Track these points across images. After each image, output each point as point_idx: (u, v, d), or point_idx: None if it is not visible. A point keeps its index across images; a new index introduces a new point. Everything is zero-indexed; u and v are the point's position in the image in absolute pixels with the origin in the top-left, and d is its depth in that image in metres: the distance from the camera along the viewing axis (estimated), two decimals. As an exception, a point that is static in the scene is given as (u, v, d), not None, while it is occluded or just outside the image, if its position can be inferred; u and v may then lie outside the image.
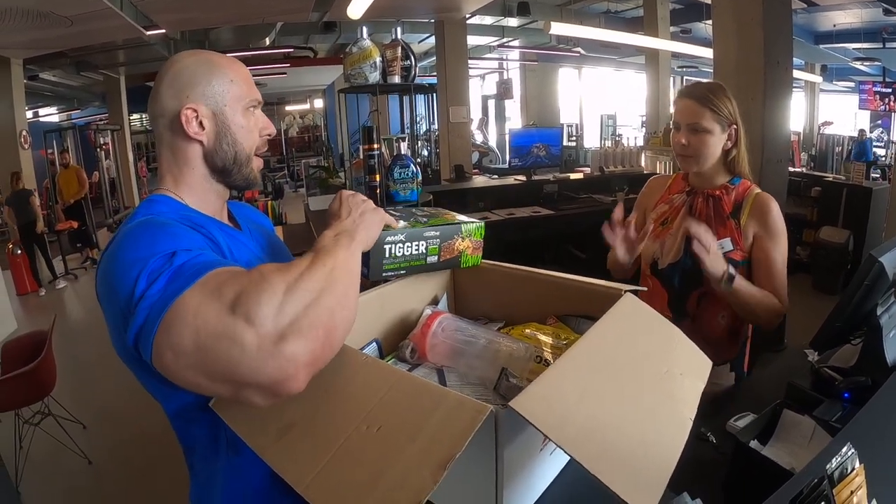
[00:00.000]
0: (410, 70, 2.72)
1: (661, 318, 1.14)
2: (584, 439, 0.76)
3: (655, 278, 2.03)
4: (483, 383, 1.07)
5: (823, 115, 15.53)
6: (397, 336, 1.32)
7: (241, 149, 1.18)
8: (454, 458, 0.69)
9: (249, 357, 0.81)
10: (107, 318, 1.00)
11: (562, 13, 9.94)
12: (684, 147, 1.90)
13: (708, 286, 1.89)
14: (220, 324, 0.83)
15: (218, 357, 0.82)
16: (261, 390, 0.83)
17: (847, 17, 9.75)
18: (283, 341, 0.81)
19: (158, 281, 0.89)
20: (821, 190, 6.77)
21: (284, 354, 0.81)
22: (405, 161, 2.27)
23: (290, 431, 0.86)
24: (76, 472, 3.70)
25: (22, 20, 6.17)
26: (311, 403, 0.88)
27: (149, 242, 0.95)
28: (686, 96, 1.91)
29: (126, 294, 0.90)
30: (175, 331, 0.84)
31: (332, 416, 0.86)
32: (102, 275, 0.99)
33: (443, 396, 0.79)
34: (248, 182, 1.23)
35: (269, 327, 0.82)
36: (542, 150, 5.82)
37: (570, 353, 0.90)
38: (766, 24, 3.88)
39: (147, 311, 0.87)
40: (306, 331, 0.83)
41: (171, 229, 0.99)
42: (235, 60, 1.20)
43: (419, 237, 1.26)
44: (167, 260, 0.91)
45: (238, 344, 0.81)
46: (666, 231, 2.01)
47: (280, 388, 0.82)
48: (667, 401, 0.92)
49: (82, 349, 5.75)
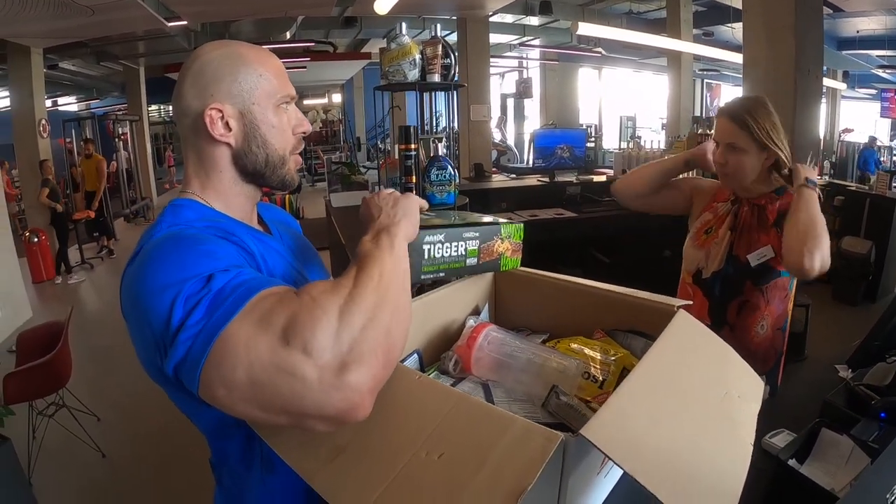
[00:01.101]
0: (450, 68, 2.68)
1: (715, 336, 1.10)
2: (655, 468, 0.72)
3: (697, 287, 2.02)
4: (530, 399, 1.03)
5: (844, 122, 15.42)
6: (438, 347, 1.28)
7: (272, 150, 1.09)
8: (526, 490, 0.65)
9: (312, 391, 0.76)
10: (132, 336, 0.92)
11: (584, 13, 9.91)
12: (722, 165, 1.91)
13: (748, 294, 1.90)
14: (276, 357, 0.77)
15: (278, 392, 0.77)
16: (325, 420, 0.79)
17: (871, 23, 9.67)
18: (346, 371, 0.77)
19: (198, 309, 0.82)
20: (843, 199, 6.69)
21: (350, 385, 0.77)
22: (443, 163, 2.23)
23: (342, 455, 0.81)
24: (89, 464, 3.68)
25: (43, 9, 6.17)
26: (363, 425, 0.82)
27: (181, 263, 0.87)
28: (724, 115, 1.90)
29: (160, 322, 0.83)
30: (226, 365, 0.79)
31: (388, 439, 0.81)
32: (129, 293, 0.91)
33: (509, 422, 0.74)
34: (284, 184, 1.14)
35: (328, 358, 0.77)
36: (566, 152, 5.77)
37: (634, 377, 0.85)
38: (798, 32, 3.84)
39: (189, 344, 0.81)
40: (367, 357, 0.79)
41: (203, 247, 0.92)
42: (266, 52, 1.10)
43: (458, 237, 1.21)
44: (204, 284, 0.84)
45: (299, 379, 0.76)
46: (710, 240, 2.00)
47: (347, 417, 0.78)
48: (728, 425, 0.89)
49: (98, 340, 5.75)
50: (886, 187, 6.43)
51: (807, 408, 1.72)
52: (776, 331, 1.94)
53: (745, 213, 1.94)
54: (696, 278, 2.02)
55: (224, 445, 1.08)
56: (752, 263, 1.87)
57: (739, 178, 1.90)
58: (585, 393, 1.03)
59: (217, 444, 1.10)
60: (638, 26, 10.37)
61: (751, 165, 1.86)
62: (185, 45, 9.99)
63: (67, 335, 3.65)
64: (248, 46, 1.09)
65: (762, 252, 1.86)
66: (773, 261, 1.85)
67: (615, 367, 1.08)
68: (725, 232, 1.95)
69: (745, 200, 1.95)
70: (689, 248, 2.07)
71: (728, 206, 1.99)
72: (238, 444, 1.06)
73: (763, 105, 1.87)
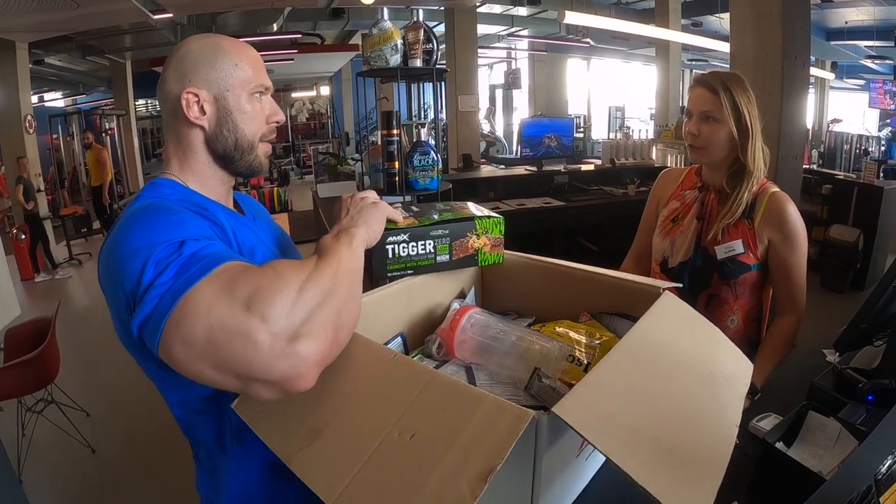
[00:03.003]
0: (432, 54, 2.64)
1: (702, 318, 1.10)
2: (631, 448, 0.71)
3: (664, 276, 1.96)
4: (514, 382, 1.03)
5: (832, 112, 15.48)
6: (423, 330, 1.28)
7: (242, 135, 1.16)
8: (495, 469, 0.65)
9: (263, 355, 0.82)
10: (109, 304, 0.99)
11: (572, 3, 9.88)
12: (695, 137, 1.83)
13: (716, 288, 1.86)
14: (234, 320, 0.83)
15: (231, 353, 0.83)
16: (270, 386, 0.84)
17: (860, 14, 9.68)
18: (296, 341, 0.83)
19: (167, 271, 0.88)
20: (831, 187, 6.72)
21: (297, 354, 0.82)
22: (426, 148, 2.21)
23: (318, 438, 0.82)
24: (79, 460, 3.66)
25: (28, 2, 6.11)
26: (338, 406, 0.85)
27: (156, 229, 0.94)
28: (701, 84, 1.83)
29: (132, 282, 0.89)
30: (187, 324, 0.84)
31: (364, 420, 0.82)
32: (106, 259, 0.98)
33: (480, 400, 0.74)
34: (252, 169, 1.21)
35: (282, 326, 0.83)
36: (554, 141, 5.78)
37: (613, 355, 0.85)
38: (786, 19, 3.84)
39: (156, 302, 0.86)
40: (318, 332, 0.85)
41: (177, 216, 0.98)
42: (245, 45, 1.18)
43: (425, 236, 1.22)
44: (176, 248, 0.90)
45: (252, 342, 0.82)
46: (677, 228, 1.95)
47: (290, 385, 0.83)
48: (712, 406, 0.88)
49: (86, 336, 5.73)
50: (874, 176, 6.46)
51: (794, 392, 1.71)
52: (750, 322, 1.90)
53: (711, 200, 1.89)
54: (663, 267, 1.97)
55: (196, 422, 1.14)
56: (718, 256, 1.82)
57: (711, 152, 1.82)
58: (570, 376, 1.03)
59: (189, 421, 1.15)
60: (627, 16, 10.36)
61: (724, 138, 1.78)
62: (171, 39, 9.90)
63: (55, 331, 3.62)
64: (228, 39, 1.17)
65: (730, 246, 1.81)
66: (743, 256, 1.81)
67: (600, 350, 1.07)
68: (692, 220, 1.90)
69: (712, 187, 1.90)
70: (655, 236, 2.02)
71: (695, 194, 1.94)
72: (209, 421, 1.12)
73: (740, 78, 1.81)
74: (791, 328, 1.83)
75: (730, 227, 1.82)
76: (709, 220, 1.88)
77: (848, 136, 11.15)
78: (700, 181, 1.96)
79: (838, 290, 6.18)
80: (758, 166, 1.80)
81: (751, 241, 1.80)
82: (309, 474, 0.79)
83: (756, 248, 1.81)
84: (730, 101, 1.76)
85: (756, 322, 1.92)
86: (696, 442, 0.80)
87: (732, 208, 1.80)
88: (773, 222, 1.79)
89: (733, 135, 1.78)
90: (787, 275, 1.81)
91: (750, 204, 1.82)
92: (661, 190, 2.10)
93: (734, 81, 1.79)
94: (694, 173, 2.01)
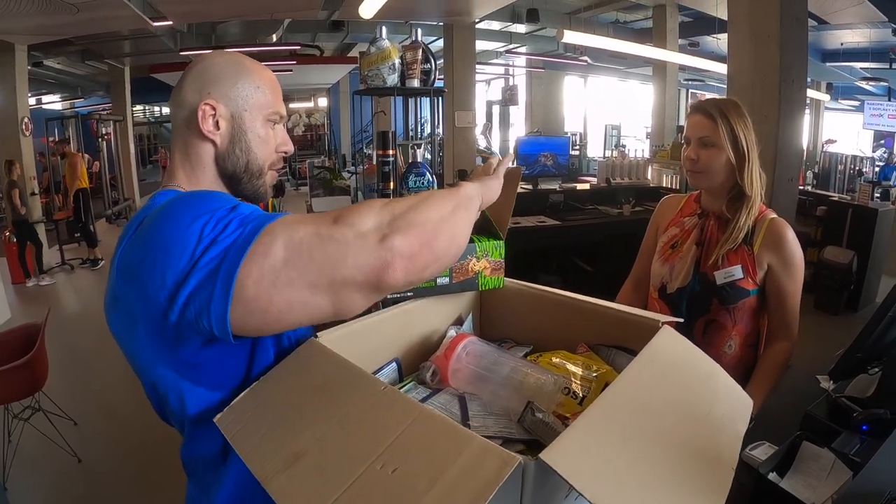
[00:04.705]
0: (430, 74, 2.63)
1: (701, 353, 1.08)
2: (621, 496, 0.70)
3: (663, 302, 1.97)
4: (507, 414, 1.01)
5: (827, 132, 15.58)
6: (418, 356, 1.27)
7: (254, 157, 1.15)
8: None
9: (354, 250, 0.84)
10: (130, 303, 0.93)
11: (570, 21, 9.94)
12: (694, 162, 1.85)
13: (715, 313, 1.86)
14: (326, 229, 0.86)
15: (324, 258, 0.84)
16: (363, 287, 0.86)
17: (855, 36, 9.76)
18: (386, 237, 0.85)
19: (230, 226, 0.87)
20: (826, 209, 6.75)
21: (385, 246, 0.84)
22: (421, 169, 2.19)
23: (298, 462, 0.80)
24: (66, 470, 3.62)
25: (27, 5, 6.10)
26: (322, 432, 0.82)
27: (203, 203, 0.91)
28: (698, 111, 1.86)
29: (181, 256, 0.85)
30: (269, 250, 0.84)
31: (345, 449, 0.80)
32: (140, 248, 0.92)
33: (467, 441, 0.73)
34: (257, 195, 1.19)
35: (371, 226, 0.86)
36: (550, 160, 5.79)
37: (607, 396, 0.84)
38: (783, 42, 3.85)
39: (221, 256, 0.84)
40: (404, 228, 0.87)
41: (217, 194, 0.98)
42: (267, 70, 1.18)
43: None
44: (230, 210, 0.90)
45: (343, 242, 0.84)
46: (676, 254, 1.95)
47: (381, 277, 0.84)
48: (709, 448, 0.86)
49: (76, 343, 5.68)
50: (868, 198, 6.49)
51: (788, 419, 1.71)
52: (747, 348, 1.90)
53: (711, 226, 1.90)
54: (662, 293, 1.97)
55: (207, 436, 1.05)
56: (717, 282, 1.83)
57: (710, 177, 1.84)
58: (565, 409, 1.02)
59: (202, 436, 1.06)
60: (624, 35, 10.41)
61: (722, 163, 1.80)
62: (170, 46, 9.90)
63: (44, 337, 3.58)
64: (252, 60, 1.17)
65: (730, 272, 1.81)
66: (742, 282, 1.81)
67: (597, 383, 1.07)
68: (691, 246, 1.91)
69: (712, 213, 1.92)
70: (654, 262, 2.02)
71: (695, 220, 1.95)
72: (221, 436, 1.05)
73: (737, 105, 1.84)
74: (784, 355, 1.84)
75: (729, 252, 1.83)
76: (708, 246, 1.88)
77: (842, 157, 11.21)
78: (700, 208, 1.97)
79: (832, 311, 6.19)
80: (755, 191, 1.82)
81: (750, 266, 1.81)
82: (285, 498, 0.77)
83: (755, 273, 1.82)
84: (727, 127, 1.78)
85: (753, 348, 1.92)
86: (690, 487, 0.79)
87: (734, 234, 1.81)
88: (772, 248, 1.81)
89: (731, 160, 1.80)
90: (783, 301, 1.83)
91: (750, 230, 1.83)
92: (661, 217, 2.11)
93: (731, 108, 1.82)
94: (693, 200, 2.02)
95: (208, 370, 0.99)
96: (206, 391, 0.99)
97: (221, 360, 0.99)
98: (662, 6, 8.92)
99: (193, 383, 0.96)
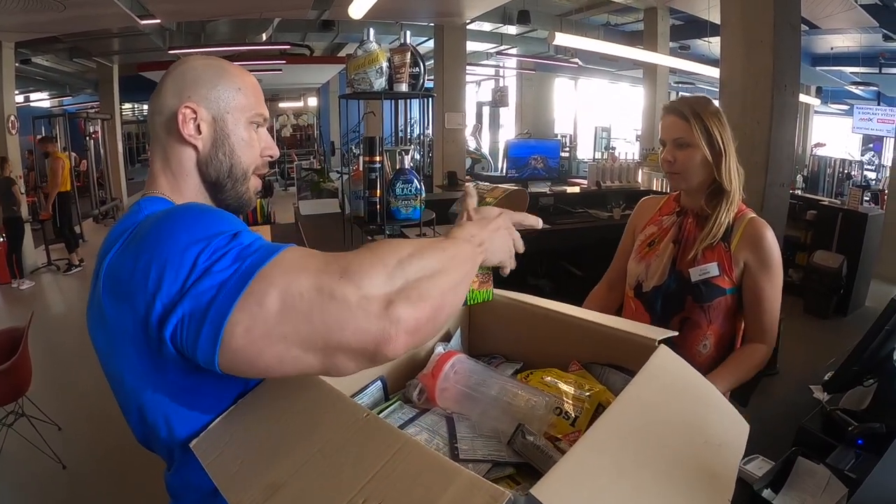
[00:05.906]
0: (419, 78, 2.57)
1: (697, 375, 1.06)
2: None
3: (639, 301, 1.97)
4: (497, 436, 0.98)
5: (816, 136, 15.66)
6: (404, 374, 1.23)
7: (237, 161, 1.10)
8: None
9: (357, 317, 0.76)
10: (116, 320, 0.88)
11: (561, 24, 9.94)
12: (671, 164, 1.85)
13: (689, 311, 1.85)
14: (328, 283, 0.78)
15: (323, 318, 0.77)
16: (358, 354, 0.78)
17: (845, 40, 9.80)
18: (392, 305, 0.77)
19: (225, 258, 0.80)
20: (816, 213, 6.77)
21: (390, 316, 0.76)
22: (408, 176, 2.15)
23: (276, 495, 0.76)
24: (49, 475, 3.58)
25: (13, 2, 6.05)
26: (301, 463, 0.78)
27: (202, 223, 0.85)
28: (671, 112, 1.85)
29: (176, 279, 0.80)
30: (263, 300, 0.77)
31: (325, 482, 0.76)
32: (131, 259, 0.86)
33: (454, 474, 0.69)
34: (241, 202, 1.14)
35: (377, 290, 0.78)
36: (540, 163, 5.78)
37: (603, 422, 0.81)
38: (777, 48, 3.85)
39: (213, 292, 0.78)
40: (415, 300, 0.79)
41: (218, 212, 0.91)
42: (247, 72, 1.14)
43: None
44: (230, 238, 0.83)
45: (346, 304, 0.76)
46: (652, 252, 1.95)
47: (378, 349, 0.77)
48: (705, 479, 0.83)
49: (60, 347, 5.62)
50: (858, 202, 6.51)
51: (781, 430, 1.70)
52: (722, 349, 1.88)
53: (689, 224, 1.90)
54: (637, 292, 1.96)
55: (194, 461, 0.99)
56: (692, 279, 1.82)
57: (688, 177, 1.83)
58: (557, 430, 0.99)
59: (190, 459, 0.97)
60: (615, 38, 10.44)
61: (699, 161, 1.80)
62: (159, 44, 9.84)
63: (27, 342, 3.54)
64: (232, 64, 1.12)
65: (705, 269, 1.81)
66: (718, 279, 1.80)
67: (589, 403, 1.04)
68: (668, 244, 1.91)
69: (690, 211, 1.91)
70: (630, 261, 2.02)
71: (673, 219, 1.95)
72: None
73: (708, 101, 1.85)
74: (759, 354, 1.82)
75: (706, 249, 1.82)
76: (685, 244, 1.88)
77: (831, 160, 11.28)
78: (678, 206, 1.97)
79: (822, 315, 6.22)
80: (734, 186, 1.81)
81: (726, 263, 1.80)
82: None
83: (731, 271, 1.81)
84: (700, 126, 1.78)
85: (728, 350, 1.91)
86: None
87: (713, 230, 1.81)
88: (749, 246, 1.80)
89: (707, 158, 1.80)
90: (759, 302, 1.81)
91: (729, 227, 1.82)
92: (639, 218, 2.11)
93: (703, 106, 1.82)
94: (673, 200, 2.02)
95: (203, 393, 0.94)
96: (201, 415, 0.94)
97: (217, 381, 0.92)
98: (653, 9, 8.95)
99: (188, 408, 0.92)
